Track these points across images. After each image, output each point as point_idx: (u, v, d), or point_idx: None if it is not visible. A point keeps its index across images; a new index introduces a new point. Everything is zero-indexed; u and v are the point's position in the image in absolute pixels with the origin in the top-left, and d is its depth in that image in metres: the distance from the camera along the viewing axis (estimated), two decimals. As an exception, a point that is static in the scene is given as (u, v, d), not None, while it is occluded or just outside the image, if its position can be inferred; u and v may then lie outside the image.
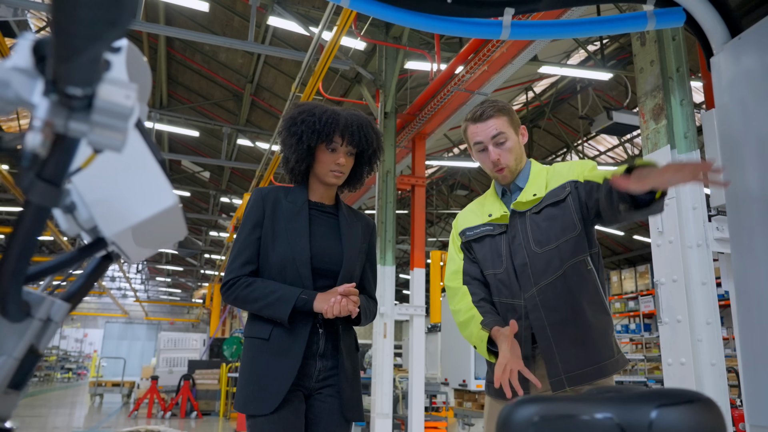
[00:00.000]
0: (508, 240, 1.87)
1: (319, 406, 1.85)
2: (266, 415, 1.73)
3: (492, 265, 1.89)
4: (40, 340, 0.64)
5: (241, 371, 1.86)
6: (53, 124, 0.46)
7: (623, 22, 1.47)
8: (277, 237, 1.87)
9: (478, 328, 1.79)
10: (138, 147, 0.62)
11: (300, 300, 1.77)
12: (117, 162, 0.59)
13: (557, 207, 1.81)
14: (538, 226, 1.82)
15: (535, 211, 1.84)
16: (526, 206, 1.85)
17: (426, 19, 1.39)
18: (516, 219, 1.86)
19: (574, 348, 1.75)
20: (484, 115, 1.84)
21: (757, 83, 1.39)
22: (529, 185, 1.88)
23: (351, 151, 1.90)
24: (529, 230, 1.83)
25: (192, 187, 19.95)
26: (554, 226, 1.79)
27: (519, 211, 1.86)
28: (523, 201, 1.85)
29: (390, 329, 8.44)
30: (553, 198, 1.82)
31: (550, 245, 1.79)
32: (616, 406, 0.69)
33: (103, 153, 0.52)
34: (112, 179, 0.61)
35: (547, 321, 1.75)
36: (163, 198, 0.64)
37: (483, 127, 1.84)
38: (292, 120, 1.87)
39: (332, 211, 1.98)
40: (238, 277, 1.85)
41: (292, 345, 1.80)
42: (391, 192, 8.88)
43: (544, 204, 1.83)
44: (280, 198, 1.91)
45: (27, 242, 0.53)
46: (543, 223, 1.82)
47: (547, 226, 1.80)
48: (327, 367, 1.86)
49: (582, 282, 1.79)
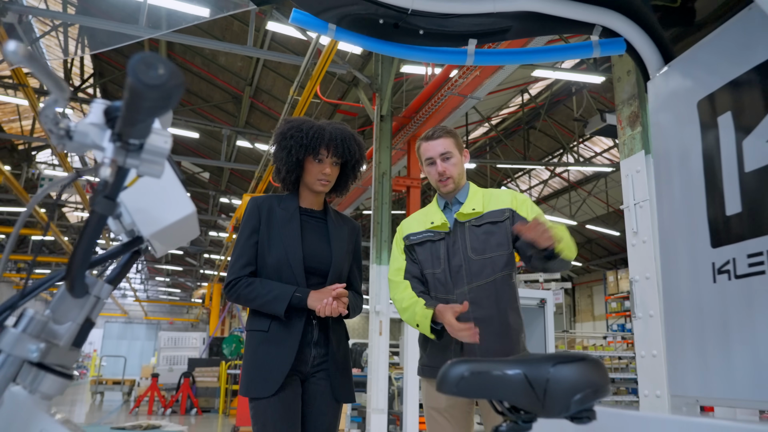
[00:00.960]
0: (447, 245, 2.17)
1: (313, 389, 2.06)
2: (267, 398, 1.94)
3: (431, 265, 2.19)
4: (93, 311, 0.86)
5: (244, 360, 2.08)
6: (116, 161, 0.69)
7: (573, 51, 1.68)
8: (273, 241, 2.08)
9: (422, 308, 2.05)
10: (166, 170, 0.85)
11: (295, 298, 1.99)
12: (151, 182, 0.81)
13: (496, 226, 2.14)
14: (476, 237, 2.13)
15: (476, 224, 2.15)
16: (467, 217, 2.16)
17: (401, 48, 1.61)
18: (457, 227, 2.17)
19: (493, 340, 2.04)
20: (434, 135, 2.18)
21: (684, 105, 1.60)
22: (468, 201, 2.19)
23: (336, 162, 2.12)
24: (468, 239, 2.14)
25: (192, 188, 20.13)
26: (491, 240, 2.12)
27: (460, 222, 2.17)
28: (464, 212, 2.16)
29: (386, 327, 8.65)
30: (494, 218, 2.15)
31: (485, 255, 2.11)
32: (525, 365, 0.91)
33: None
34: (147, 194, 0.84)
35: (474, 315, 2.02)
36: (184, 207, 0.87)
37: (434, 144, 2.17)
38: (282, 135, 2.09)
39: (321, 216, 2.20)
40: (239, 278, 2.06)
41: (289, 336, 2.02)
42: (387, 193, 9.08)
43: (485, 221, 2.15)
44: (274, 206, 2.13)
45: (91, 241, 0.75)
46: (482, 235, 2.13)
47: (484, 239, 2.12)
48: (320, 354, 2.08)
49: (507, 290, 2.12)
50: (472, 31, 1.60)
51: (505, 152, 18.18)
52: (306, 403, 2.06)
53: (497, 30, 1.59)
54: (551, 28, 1.67)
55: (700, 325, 1.44)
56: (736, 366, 1.28)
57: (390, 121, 9.28)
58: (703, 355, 1.40)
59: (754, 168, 1.32)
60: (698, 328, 1.45)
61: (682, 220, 1.50)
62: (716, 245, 1.40)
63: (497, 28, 1.59)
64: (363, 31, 1.61)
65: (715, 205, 1.42)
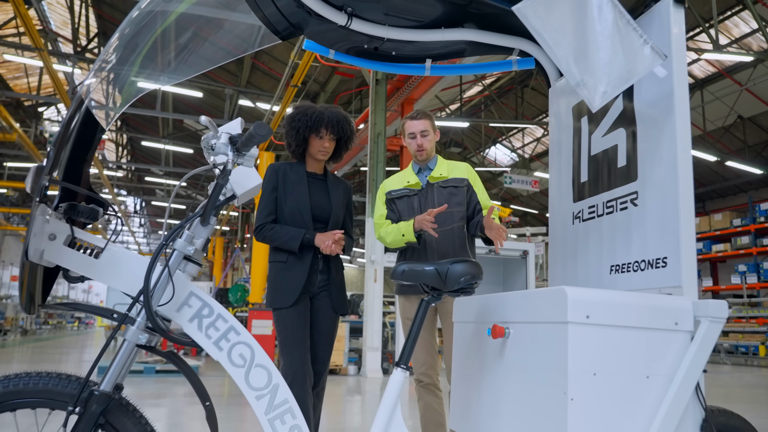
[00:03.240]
0: (420, 199, 2.90)
1: (318, 303, 2.86)
2: (287, 308, 2.74)
3: (407, 215, 2.90)
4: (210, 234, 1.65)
5: (269, 283, 2.86)
6: (234, 161, 1.47)
7: (498, 65, 2.40)
8: (288, 197, 2.84)
9: (404, 223, 2.80)
10: (249, 163, 1.64)
11: (305, 239, 2.76)
12: (242, 168, 1.58)
13: (457, 189, 2.88)
14: (442, 195, 2.86)
15: (442, 186, 2.87)
16: (436, 180, 2.89)
17: (380, 65, 2.34)
18: (428, 187, 2.91)
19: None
20: (417, 117, 2.91)
21: (564, 108, 2.33)
22: (437, 168, 2.93)
23: (333, 138, 2.85)
24: (435, 196, 2.86)
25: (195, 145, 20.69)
26: (452, 199, 2.85)
27: (431, 183, 2.90)
28: (434, 176, 2.90)
29: (380, 275, 9.52)
30: (456, 183, 2.89)
31: (448, 209, 2.82)
32: (436, 264, 1.72)
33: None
34: (240, 174, 1.61)
35: (438, 249, 2.81)
36: (255, 181, 1.64)
37: (416, 123, 2.89)
38: (292, 118, 2.83)
39: (322, 178, 2.96)
40: (264, 224, 2.83)
41: (301, 265, 2.80)
42: (381, 153, 9.78)
43: (450, 184, 2.88)
44: (287, 170, 2.89)
45: (216, 196, 1.53)
46: (446, 194, 2.85)
47: (447, 197, 2.84)
48: (323, 279, 2.86)
49: (461, 236, 2.85)
50: (428, 53, 2.33)
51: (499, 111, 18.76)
52: (313, 313, 2.86)
53: (446, 53, 2.32)
54: (483, 51, 2.37)
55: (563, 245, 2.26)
56: (582, 261, 2.09)
57: (385, 84, 9.87)
58: (564, 255, 2.23)
59: (595, 153, 2.07)
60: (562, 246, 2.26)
61: (562, 184, 2.27)
62: (575, 201, 2.16)
63: (445, 51, 2.31)
64: (353, 53, 2.33)
65: (575, 176, 2.19)
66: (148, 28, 1.71)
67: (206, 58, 1.85)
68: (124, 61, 1.69)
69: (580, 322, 1.42)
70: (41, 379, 1.47)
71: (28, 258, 1.50)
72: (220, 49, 1.89)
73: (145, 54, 1.70)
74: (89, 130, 1.63)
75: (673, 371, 1.47)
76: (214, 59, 1.86)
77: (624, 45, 1.61)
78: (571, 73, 1.65)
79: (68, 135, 1.54)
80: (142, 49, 1.70)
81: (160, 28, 1.71)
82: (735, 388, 8.59)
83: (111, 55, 1.72)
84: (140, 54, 1.70)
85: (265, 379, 1.58)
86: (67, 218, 1.59)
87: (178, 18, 1.77)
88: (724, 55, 12.90)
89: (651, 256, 1.72)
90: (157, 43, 1.72)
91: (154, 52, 1.71)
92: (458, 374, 2.03)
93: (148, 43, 1.70)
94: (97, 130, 1.65)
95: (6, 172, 22.49)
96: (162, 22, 1.71)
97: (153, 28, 1.70)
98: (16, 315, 21.17)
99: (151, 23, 1.71)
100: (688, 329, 1.51)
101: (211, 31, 1.90)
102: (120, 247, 1.62)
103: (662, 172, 1.71)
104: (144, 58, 1.71)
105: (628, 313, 1.47)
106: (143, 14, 1.71)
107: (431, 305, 2.01)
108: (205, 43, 1.82)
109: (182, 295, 1.58)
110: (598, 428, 1.40)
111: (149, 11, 1.70)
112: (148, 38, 1.71)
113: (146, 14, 1.70)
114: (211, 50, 1.86)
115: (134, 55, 1.71)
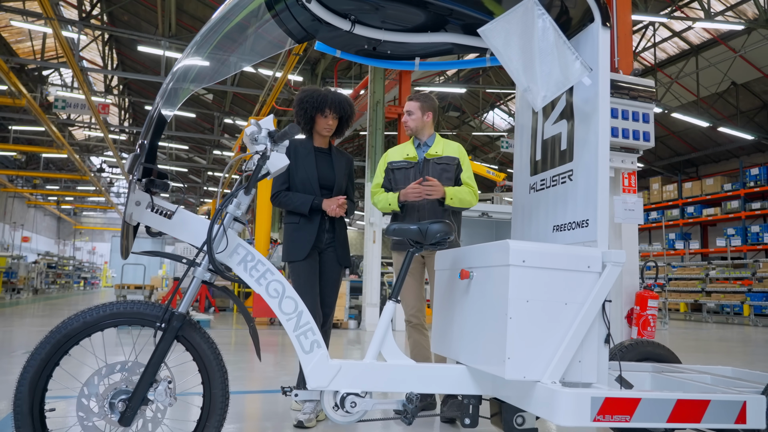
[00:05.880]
0: (415, 171, 3.40)
1: (325, 257, 3.46)
2: (300, 261, 3.34)
3: (404, 184, 3.40)
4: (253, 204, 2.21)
5: (284, 240, 3.45)
6: (272, 149, 2.02)
7: (476, 62, 2.94)
8: (298, 168, 3.40)
9: (392, 195, 3.35)
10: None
11: (314, 204, 3.32)
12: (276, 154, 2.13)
13: (449, 165, 3.36)
14: (435, 170, 3.36)
15: (437, 162, 3.37)
16: (432, 156, 3.40)
17: (378, 62, 2.87)
18: (424, 162, 3.41)
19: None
20: (410, 99, 3.46)
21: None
22: (434, 146, 3.43)
23: (335, 117, 3.39)
24: (430, 170, 3.37)
25: (197, 109, 21.00)
26: (443, 174, 3.34)
27: (427, 159, 3.41)
28: (430, 153, 3.40)
29: (378, 236, 10.12)
30: (448, 161, 3.37)
31: (441, 183, 3.30)
32: (420, 224, 2.29)
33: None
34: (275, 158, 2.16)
35: (428, 214, 3.34)
36: (285, 161, 2.19)
37: (407, 104, 3.46)
38: (300, 100, 3.35)
39: (327, 152, 3.51)
40: (279, 191, 3.39)
41: (311, 225, 3.38)
42: (380, 120, 10.26)
43: (443, 161, 3.36)
44: (297, 145, 3.43)
45: (258, 172, 2.08)
46: (439, 170, 3.35)
47: (440, 172, 3.35)
48: (329, 237, 3.45)
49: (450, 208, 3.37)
50: (418, 52, 2.86)
51: (496, 75, 19.07)
52: (321, 266, 3.46)
53: (433, 52, 2.85)
54: (464, 50, 2.90)
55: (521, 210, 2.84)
56: (535, 222, 2.65)
57: (383, 54, 10.22)
58: (522, 218, 2.80)
59: (546, 137, 2.63)
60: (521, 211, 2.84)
61: (522, 161, 2.83)
62: (531, 175, 2.73)
63: (432, 51, 2.84)
64: (354, 52, 2.86)
65: (533, 154, 2.75)
66: (216, 30, 2.27)
67: (258, 51, 2.46)
68: (202, 52, 2.28)
69: (518, 264, 2.01)
70: (135, 305, 2.05)
71: (125, 220, 2.08)
72: (269, 42, 2.49)
73: (217, 44, 2.29)
74: (163, 120, 2.18)
75: (585, 300, 2.07)
76: (264, 52, 2.47)
77: (560, 60, 2.15)
78: (521, 81, 2.19)
79: (150, 125, 2.09)
80: (213, 42, 2.28)
81: (228, 27, 2.30)
82: (708, 342, 9.31)
83: (193, 48, 2.28)
84: (212, 46, 2.28)
85: (293, 307, 2.17)
86: (146, 189, 2.16)
87: (241, 20, 2.36)
88: (716, 24, 13.22)
89: (579, 218, 2.30)
90: (228, 36, 2.32)
91: (227, 42, 2.31)
92: (437, 309, 2.64)
93: (217, 38, 2.28)
94: (166, 120, 2.20)
95: (11, 135, 22.87)
96: (229, 23, 2.31)
97: (221, 29, 2.28)
98: (27, 275, 21.89)
99: (220, 25, 2.29)
100: (597, 270, 2.10)
101: (265, 31, 2.48)
102: (186, 210, 2.19)
103: (588, 156, 2.27)
104: (215, 48, 2.29)
105: (553, 258, 2.05)
106: (216, 19, 2.29)
107: (416, 255, 2.57)
108: (262, 38, 2.44)
109: (232, 245, 2.16)
110: (530, 340, 2.00)
111: (220, 17, 2.28)
112: (216, 36, 2.28)
113: (218, 19, 2.28)
114: (263, 42, 2.47)
115: (206, 48, 2.28)
